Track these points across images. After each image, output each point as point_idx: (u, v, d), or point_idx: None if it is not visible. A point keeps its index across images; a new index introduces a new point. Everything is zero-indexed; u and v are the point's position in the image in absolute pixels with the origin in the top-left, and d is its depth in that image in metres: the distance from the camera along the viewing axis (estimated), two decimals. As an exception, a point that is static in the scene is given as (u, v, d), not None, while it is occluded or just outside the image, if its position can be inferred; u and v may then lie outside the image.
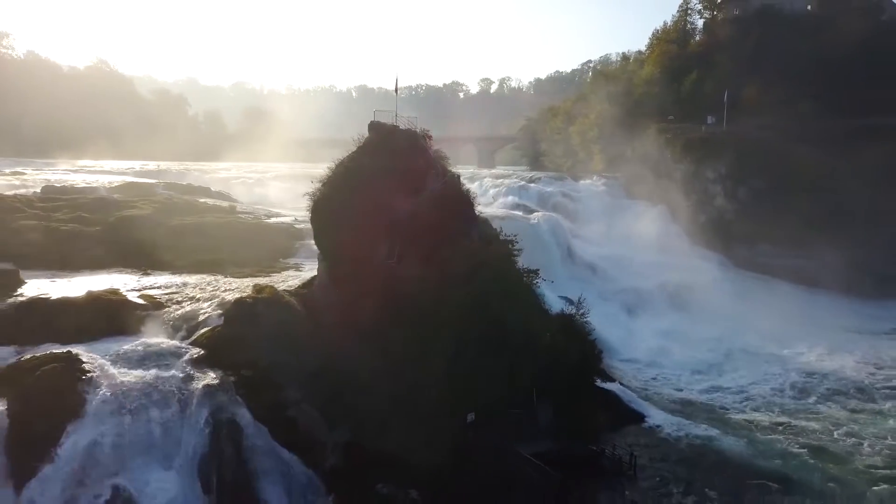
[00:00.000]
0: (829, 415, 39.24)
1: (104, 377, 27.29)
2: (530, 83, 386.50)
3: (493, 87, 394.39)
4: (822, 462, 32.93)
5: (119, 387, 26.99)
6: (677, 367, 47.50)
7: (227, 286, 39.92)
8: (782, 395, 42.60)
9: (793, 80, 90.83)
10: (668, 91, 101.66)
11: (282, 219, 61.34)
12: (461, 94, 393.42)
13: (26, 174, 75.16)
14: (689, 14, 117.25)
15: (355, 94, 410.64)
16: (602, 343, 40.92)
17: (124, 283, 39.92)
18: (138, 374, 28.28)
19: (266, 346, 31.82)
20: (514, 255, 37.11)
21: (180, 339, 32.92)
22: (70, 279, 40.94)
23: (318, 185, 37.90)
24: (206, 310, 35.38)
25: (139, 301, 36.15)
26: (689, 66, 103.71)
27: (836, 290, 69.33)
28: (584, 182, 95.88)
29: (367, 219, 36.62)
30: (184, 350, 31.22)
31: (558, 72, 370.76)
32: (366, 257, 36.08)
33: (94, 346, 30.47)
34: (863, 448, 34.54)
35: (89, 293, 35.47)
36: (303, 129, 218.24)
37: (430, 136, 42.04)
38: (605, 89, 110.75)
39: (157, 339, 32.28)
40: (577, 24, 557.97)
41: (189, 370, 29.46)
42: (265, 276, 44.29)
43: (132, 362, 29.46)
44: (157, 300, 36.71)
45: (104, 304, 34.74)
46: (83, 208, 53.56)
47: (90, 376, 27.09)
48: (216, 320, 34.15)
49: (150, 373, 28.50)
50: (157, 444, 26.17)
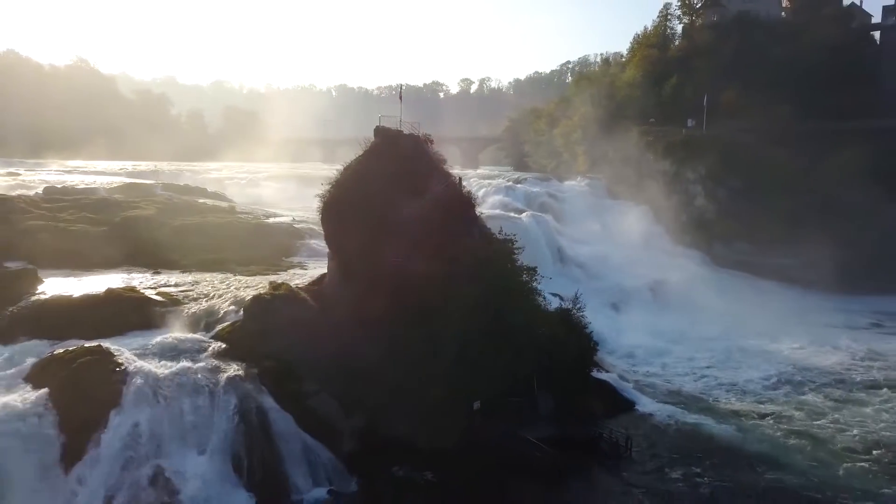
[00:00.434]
0: (813, 404, 41.62)
1: (137, 369, 28.92)
2: (510, 83, 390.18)
3: (474, 88, 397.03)
4: (806, 446, 35.34)
5: (152, 377, 28.70)
6: (664, 360, 49.92)
7: (237, 284, 41.69)
8: (768, 386, 44.88)
9: (769, 84, 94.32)
10: (649, 94, 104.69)
11: (280, 219, 62.95)
12: (441, 94, 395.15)
13: (21, 175, 75.76)
14: (669, 19, 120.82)
15: (335, 94, 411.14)
16: (594, 336, 43.06)
17: (139, 282, 41.54)
18: (168, 365, 30.02)
19: (284, 339, 33.69)
20: (514, 253, 39.25)
21: (201, 333, 34.70)
22: (84, 278, 42.55)
23: (328, 187, 39.83)
24: (222, 306, 37.25)
25: (157, 298, 37.83)
26: (670, 70, 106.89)
27: (814, 286, 72.41)
28: (568, 183, 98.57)
29: (375, 219, 38.62)
30: (207, 344, 33.05)
31: (537, 72, 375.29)
32: (374, 256, 37.98)
33: (121, 341, 32.21)
34: (844, 434, 36.98)
35: (109, 290, 37.11)
36: (285, 129, 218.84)
37: (431, 141, 44.15)
38: (587, 92, 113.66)
39: (179, 333, 34.07)
40: (555, 26, 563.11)
41: (214, 362, 31.26)
42: (272, 274, 46.07)
43: (160, 355, 31.23)
44: (174, 297, 38.42)
45: (125, 301, 36.45)
46: (88, 209, 54.84)
47: (124, 368, 28.74)
48: (234, 316, 36.06)
49: (179, 365, 30.25)
50: (190, 431, 27.97)
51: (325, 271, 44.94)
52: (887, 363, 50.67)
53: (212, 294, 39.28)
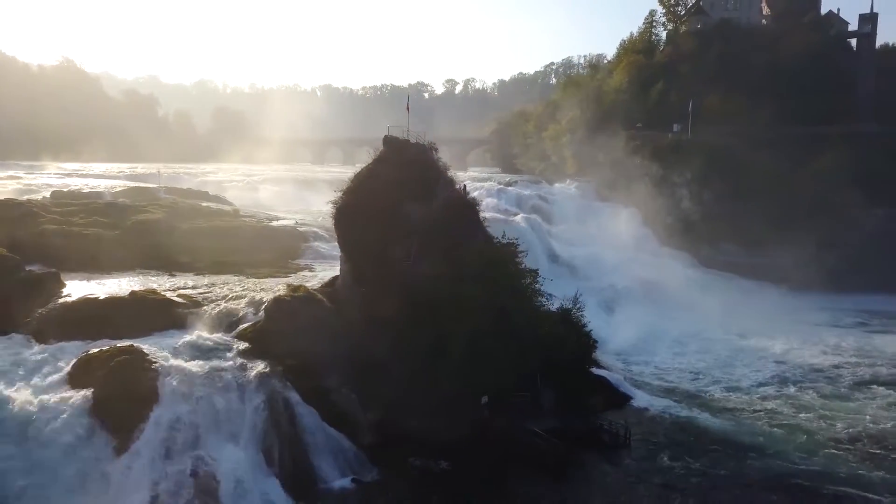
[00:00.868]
0: (802, 399, 44.25)
1: (172, 367, 30.83)
2: (494, 84, 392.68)
3: (458, 88, 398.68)
4: (794, 437, 37.95)
5: (187, 375, 30.59)
6: (657, 357, 52.52)
7: (252, 286, 43.38)
8: (757, 382, 47.49)
9: (751, 90, 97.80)
10: (636, 99, 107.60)
11: (284, 222, 64.69)
12: (426, 95, 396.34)
13: (22, 178, 76.70)
14: (654, 26, 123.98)
15: (320, 94, 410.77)
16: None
17: (158, 284, 43.17)
18: (199, 364, 31.93)
19: (304, 338, 35.69)
20: (517, 255, 41.53)
21: (224, 333, 36.49)
22: (103, 280, 43.96)
23: (340, 193, 41.91)
24: (241, 307, 38.98)
25: (178, 300, 39.44)
26: (656, 75, 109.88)
27: (799, 286, 75.36)
28: (558, 185, 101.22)
29: (385, 224, 40.79)
30: (231, 343, 34.94)
31: (521, 73, 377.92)
32: (385, 258, 40.17)
33: (149, 341, 33.88)
34: (830, 426, 39.66)
35: (133, 293, 38.74)
36: (273, 130, 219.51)
37: (436, 148, 46.31)
38: (576, 97, 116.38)
39: (204, 333, 35.83)
40: (539, 27, 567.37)
41: (240, 360, 33.21)
42: (282, 276, 47.92)
43: (189, 354, 33.07)
44: (194, 299, 40.07)
45: (149, 302, 38.04)
46: (98, 213, 56.13)
47: (159, 366, 30.59)
48: (253, 317, 37.88)
49: (209, 363, 32.19)
50: (223, 424, 29.93)
51: (332, 273, 47.08)
52: (873, 360, 53.58)
53: (229, 296, 40.95)
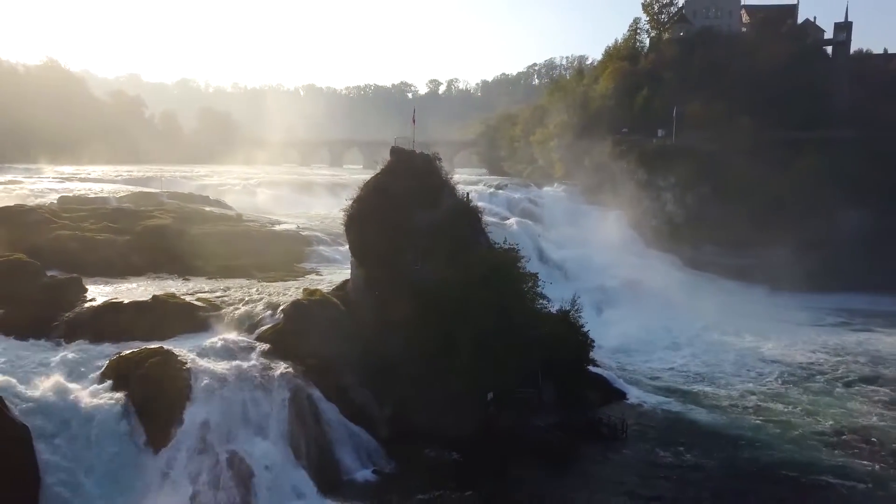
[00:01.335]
0: (788, 395, 47.16)
1: (200, 367, 32.87)
2: (477, 85, 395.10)
3: (442, 89, 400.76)
4: (781, 430, 40.77)
5: (215, 374, 32.66)
6: (647, 356, 55.40)
7: (266, 290, 45.32)
8: (744, 379, 50.46)
9: (732, 96, 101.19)
10: (621, 105, 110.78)
11: (286, 226, 66.51)
12: (410, 95, 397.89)
13: (23, 182, 77.64)
14: (639, 33, 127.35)
15: (303, 93, 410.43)
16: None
17: (175, 288, 44.95)
18: (225, 364, 33.97)
19: (321, 339, 37.93)
20: (519, 260, 44.02)
21: (245, 335, 38.51)
22: (121, 285, 45.72)
23: (351, 202, 44.16)
24: (259, 310, 40.94)
25: (198, 303, 41.35)
26: (641, 82, 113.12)
27: (778, 285, 78.95)
28: (546, 189, 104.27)
29: (394, 230, 43.14)
30: (253, 344, 36.99)
31: (504, 74, 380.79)
32: (395, 263, 42.49)
33: (176, 343, 35.82)
34: (815, 420, 42.61)
35: (155, 297, 40.54)
36: (260, 131, 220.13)
37: (439, 158, 48.74)
38: (563, 102, 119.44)
39: (226, 335, 37.78)
40: (522, 29, 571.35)
41: (263, 361, 35.30)
42: (291, 279, 49.92)
43: (215, 355, 35.03)
44: (213, 302, 41.96)
45: (171, 306, 39.94)
46: (107, 218, 57.45)
47: (189, 367, 32.62)
48: (271, 319, 39.89)
49: (235, 363, 34.25)
50: (253, 420, 32.07)
51: (338, 276, 49.45)
52: (856, 357, 56.91)
53: (245, 299, 42.81)
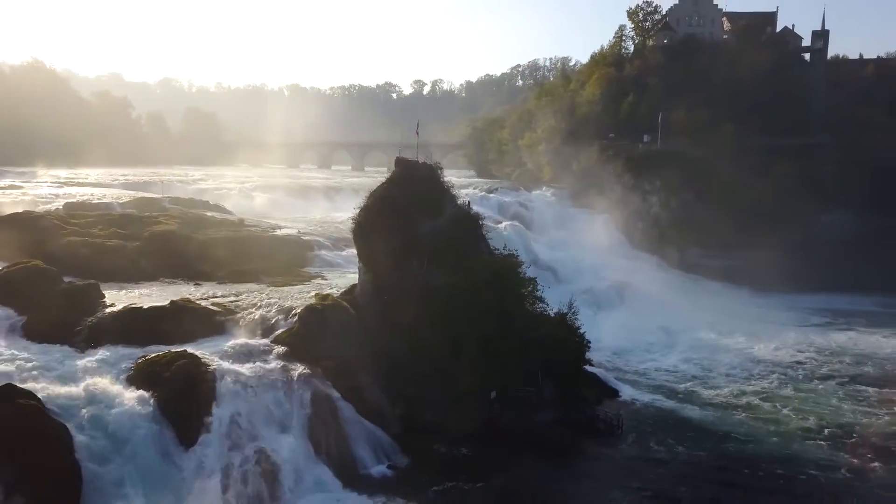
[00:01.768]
0: (775, 393, 49.64)
1: (224, 369, 34.81)
2: (461, 85, 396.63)
3: (426, 89, 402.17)
4: (768, 426, 43.27)
5: (238, 376, 34.64)
6: (639, 356, 57.94)
7: (276, 294, 47.09)
8: (732, 377, 52.96)
9: (715, 103, 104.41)
10: (607, 111, 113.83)
11: (286, 231, 68.27)
12: (394, 95, 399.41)
13: (24, 188, 78.53)
14: (624, 40, 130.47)
15: (287, 93, 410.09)
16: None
17: (189, 293, 46.65)
18: (247, 366, 35.93)
19: (335, 342, 39.99)
20: (519, 265, 46.33)
21: (261, 338, 40.42)
22: (135, 290, 47.25)
23: (358, 210, 46.29)
24: (272, 314, 42.84)
25: (214, 308, 43.10)
26: (626, 88, 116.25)
27: (761, 287, 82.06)
28: (536, 192, 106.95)
29: (400, 237, 45.28)
30: (271, 347, 38.92)
31: (488, 75, 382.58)
32: (402, 269, 44.63)
33: (197, 346, 37.58)
34: (802, 417, 45.10)
35: (173, 302, 42.21)
36: (247, 132, 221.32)
37: (441, 168, 51.01)
38: (550, 107, 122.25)
39: (244, 339, 39.69)
40: (505, 29, 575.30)
41: (282, 363, 37.27)
42: (299, 284, 51.59)
43: (235, 358, 36.89)
44: (227, 307, 43.66)
45: (188, 311, 41.59)
46: (114, 224, 58.85)
47: (214, 369, 34.53)
48: (285, 323, 41.81)
49: (256, 365, 36.24)
50: (276, 418, 34.10)
51: (343, 281, 51.57)
52: (840, 356, 59.79)
53: (258, 304, 44.53)
